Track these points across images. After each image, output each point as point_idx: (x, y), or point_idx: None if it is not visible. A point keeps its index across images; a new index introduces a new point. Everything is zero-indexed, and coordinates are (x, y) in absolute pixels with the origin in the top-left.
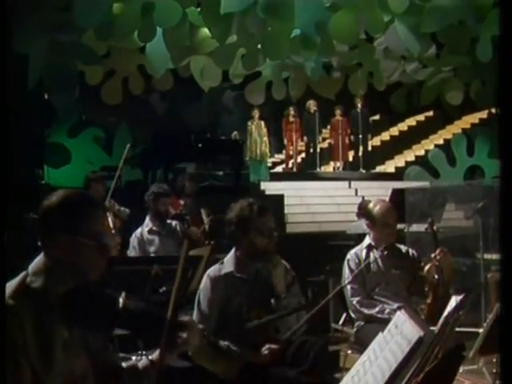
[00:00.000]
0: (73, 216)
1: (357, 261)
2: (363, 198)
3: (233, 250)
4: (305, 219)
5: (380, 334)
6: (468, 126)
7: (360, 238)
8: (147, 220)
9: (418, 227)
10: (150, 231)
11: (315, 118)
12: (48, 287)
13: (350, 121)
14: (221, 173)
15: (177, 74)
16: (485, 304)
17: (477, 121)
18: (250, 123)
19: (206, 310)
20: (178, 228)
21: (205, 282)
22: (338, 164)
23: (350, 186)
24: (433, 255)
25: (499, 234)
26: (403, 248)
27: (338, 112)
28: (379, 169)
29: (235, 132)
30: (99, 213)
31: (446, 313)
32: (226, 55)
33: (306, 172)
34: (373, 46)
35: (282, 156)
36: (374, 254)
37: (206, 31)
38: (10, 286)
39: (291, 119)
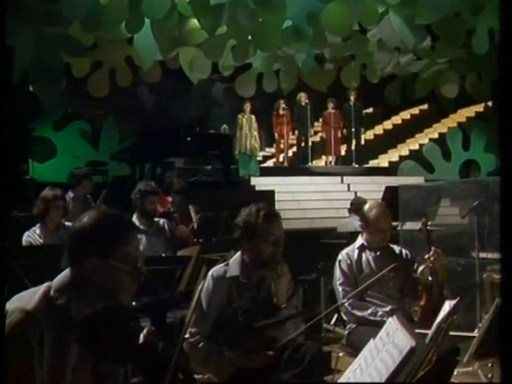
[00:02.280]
0: (107, 239)
1: (348, 262)
2: (356, 193)
3: (239, 253)
4: (296, 215)
5: (371, 341)
6: (463, 120)
7: (352, 236)
8: (134, 218)
9: (411, 225)
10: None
11: (307, 110)
12: (72, 306)
13: (342, 114)
14: (210, 167)
15: (165, 65)
16: (480, 305)
17: (473, 114)
18: (240, 116)
19: (205, 309)
20: (166, 226)
21: (208, 281)
22: (331, 158)
23: (342, 182)
24: (426, 256)
25: (499, 232)
26: (396, 248)
27: (330, 105)
28: (372, 163)
29: (225, 125)
30: (134, 236)
31: (439, 318)
32: (216, 47)
33: (297, 167)
34: (366, 37)
35: (272, 150)
36: (367, 255)
37: (195, 22)
38: (33, 297)
39: (282, 112)
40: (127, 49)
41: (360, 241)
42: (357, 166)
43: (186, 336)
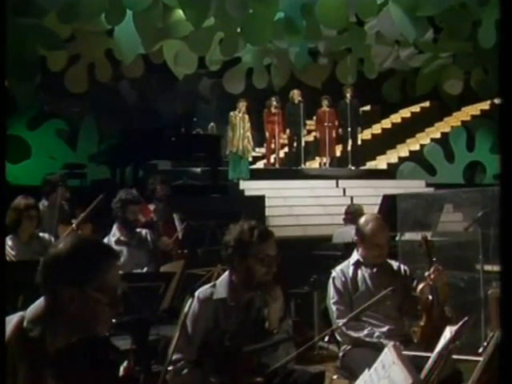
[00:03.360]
0: (84, 268)
1: (343, 279)
2: (351, 198)
3: (227, 273)
4: (288, 222)
5: (366, 372)
6: (468, 118)
7: (347, 248)
8: (114, 229)
9: (411, 235)
10: (118, 241)
11: (299, 109)
12: (47, 338)
13: (337, 112)
14: (198, 169)
15: (148, 59)
16: (485, 322)
17: (478, 112)
18: (233, 115)
19: (191, 333)
20: (149, 237)
21: (193, 303)
22: (325, 160)
23: (337, 185)
24: (426, 274)
25: (499, 242)
26: (395, 264)
27: (324, 102)
28: (370, 165)
29: (212, 123)
30: (113, 264)
31: (439, 347)
32: (203, 39)
33: (289, 169)
34: (363, 29)
35: (263, 150)
36: (363, 272)
37: (180, 13)
38: (7, 326)
39: (273, 110)
40: (107, 41)
41: (355, 256)
42: (353, 167)
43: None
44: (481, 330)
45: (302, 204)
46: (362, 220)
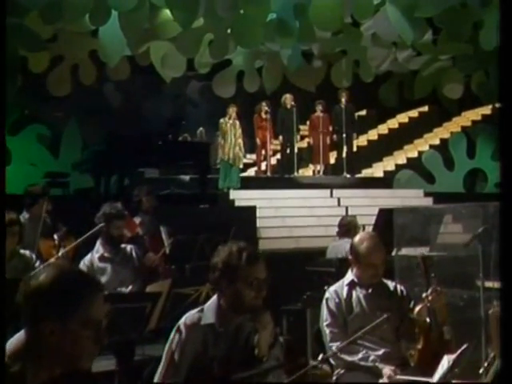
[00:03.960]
0: (66, 301)
1: (337, 300)
2: (346, 209)
3: (215, 297)
4: (280, 234)
5: None
6: (468, 124)
7: (341, 264)
8: (98, 245)
9: (408, 251)
10: (102, 258)
11: (292, 114)
12: (28, 373)
13: (332, 117)
14: (186, 177)
15: (134, 61)
16: (485, 343)
17: (479, 117)
18: (223, 121)
19: (177, 361)
20: (134, 253)
21: (180, 329)
22: (319, 167)
23: (331, 195)
24: (424, 295)
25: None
26: (391, 285)
27: (318, 107)
28: (365, 173)
29: (201, 128)
30: (97, 297)
31: (436, 377)
32: (191, 41)
33: (281, 177)
34: (359, 30)
35: (254, 156)
36: (357, 293)
37: (167, 13)
38: None
39: (264, 115)
40: (91, 42)
41: (350, 276)
42: (348, 175)
43: None
44: (481, 351)
45: (294, 215)
46: (357, 238)
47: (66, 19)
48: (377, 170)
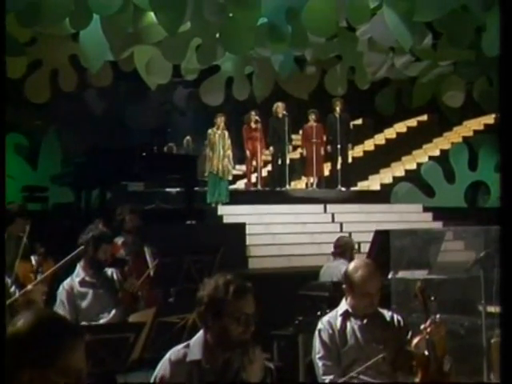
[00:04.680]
0: (45, 349)
1: (330, 331)
2: (341, 225)
3: (201, 332)
4: (270, 252)
5: None
6: (470, 134)
7: (336, 288)
8: (78, 269)
9: (405, 274)
10: (83, 282)
11: (284, 123)
12: None
13: (326, 127)
14: (172, 191)
15: (117, 67)
16: (487, 374)
17: (481, 127)
18: (211, 132)
19: None
20: (115, 277)
21: (165, 366)
22: (312, 180)
23: (325, 210)
24: (423, 327)
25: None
26: (387, 314)
27: (311, 117)
28: (361, 186)
29: (188, 137)
30: (78, 344)
31: None
32: (178, 46)
33: (272, 190)
34: (355, 35)
35: (244, 168)
36: (352, 324)
37: (152, 16)
38: None
39: (253, 125)
40: (72, 46)
41: (343, 306)
42: (343, 189)
43: None
44: (483, 381)
45: (286, 231)
46: (351, 266)
47: (45, 22)
48: (373, 183)
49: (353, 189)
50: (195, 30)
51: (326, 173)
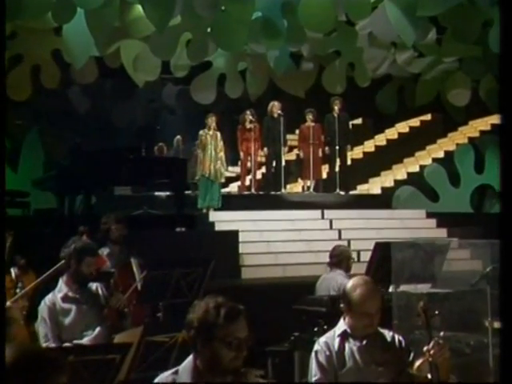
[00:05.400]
0: (27, 382)
1: (327, 353)
2: (339, 232)
3: (191, 358)
4: (264, 261)
5: None
6: (476, 134)
7: (333, 303)
8: (61, 284)
9: (408, 287)
10: (66, 298)
11: (279, 124)
12: None
13: (324, 127)
14: (161, 195)
15: (103, 63)
16: None
17: (488, 127)
18: (203, 133)
19: None
20: (101, 292)
21: None
22: (309, 183)
23: (323, 216)
24: (425, 349)
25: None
26: (388, 335)
27: (309, 117)
28: (361, 189)
29: (178, 136)
30: (60, 378)
31: None
32: (167, 41)
33: (267, 194)
34: (354, 29)
35: (237, 169)
36: (350, 345)
37: (140, 9)
38: None
39: (248, 126)
40: (54, 40)
41: (342, 326)
42: (341, 192)
43: None
44: None
45: (281, 239)
46: (349, 284)
47: (27, 15)
48: (374, 186)
49: (352, 193)
50: (185, 24)
51: (324, 176)
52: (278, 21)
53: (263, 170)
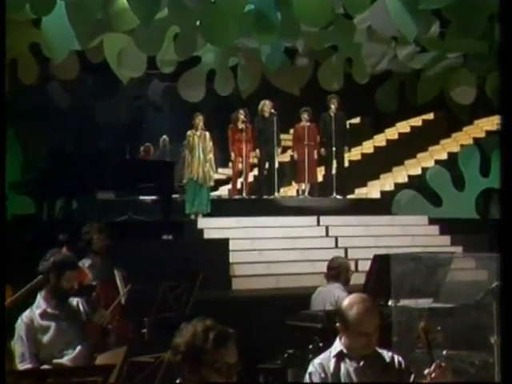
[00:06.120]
0: None
1: (323, 375)
2: (336, 240)
3: (178, 382)
4: (256, 271)
5: None
6: (482, 135)
7: (329, 319)
8: (39, 299)
9: (409, 302)
10: (44, 315)
11: (272, 124)
12: None
13: (319, 127)
14: (147, 199)
15: (85, 58)
16: None
17: (494, 127)
18: (190, 134)
19: None
20: (82, 308)
21: None
22: (304, 186)
23: (318, 223)
24: (427, 372)
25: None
26: (387, 355)
27: (303, 116)
28: (359, 193)
29: (164, 136)
30: None
31: None
32: (153, 35)
33: (259, 199)
34: (352, 23)
35: (227, 171)
36: (347, 366)
37: (125, 1)
38: None
39: (240, 126)
40: (33, 33)
41: (338, 346)
42: (338, 197)
43: None
44: None
45: (274, 247)
46: (346, 303)
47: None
48: (372, 190)
49: (349, 197)
50: (173, 17)
51: (320, 179)
52: (271, 14)
53: (255, 172)
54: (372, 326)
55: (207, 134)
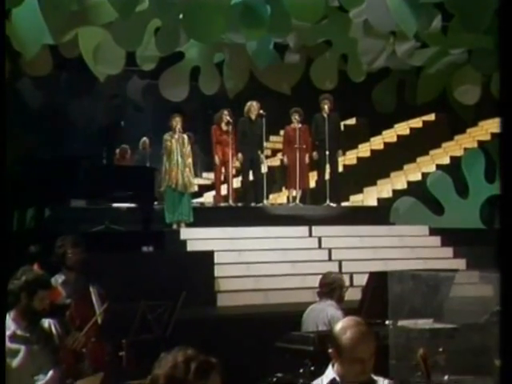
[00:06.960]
0: None
1: None
2: (329, 252)
3: None
4: (244, 286)
5: None
6: (487, 138)
7: (321, 341)
8: (8, 320)
9: (406, 323)
10: (13, 337)
11: (259, 126)
12: None
13: (312, 129)
14: (124, 207)
15: (58, 53)
16: None
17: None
18: (168, 137)
19: None
20: (54, 330)
21: None
22: (295, 193)
23: (310, 234)
24: None
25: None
26: (383, 383)
27: (294, 117)
28: (354, 200)
29: (144, 138)
30: None
31: None
32: (132, 29)
33: (246, 206)
34: (348, 16)
35: (212, 175)
36: None
37: None
38: None
39: (225, 127)
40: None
41: (330, 374)
42: (332, 204)
43: None
44: None
45: (262, 260)
46: (339, 326)
47: None
48: (369, 197)
49: (344, 204)
50: (154, 9)
51: (312, 185)
52: (260, 6)
53: (241, 177)
54: (367, 352)
55: (185, 136)
